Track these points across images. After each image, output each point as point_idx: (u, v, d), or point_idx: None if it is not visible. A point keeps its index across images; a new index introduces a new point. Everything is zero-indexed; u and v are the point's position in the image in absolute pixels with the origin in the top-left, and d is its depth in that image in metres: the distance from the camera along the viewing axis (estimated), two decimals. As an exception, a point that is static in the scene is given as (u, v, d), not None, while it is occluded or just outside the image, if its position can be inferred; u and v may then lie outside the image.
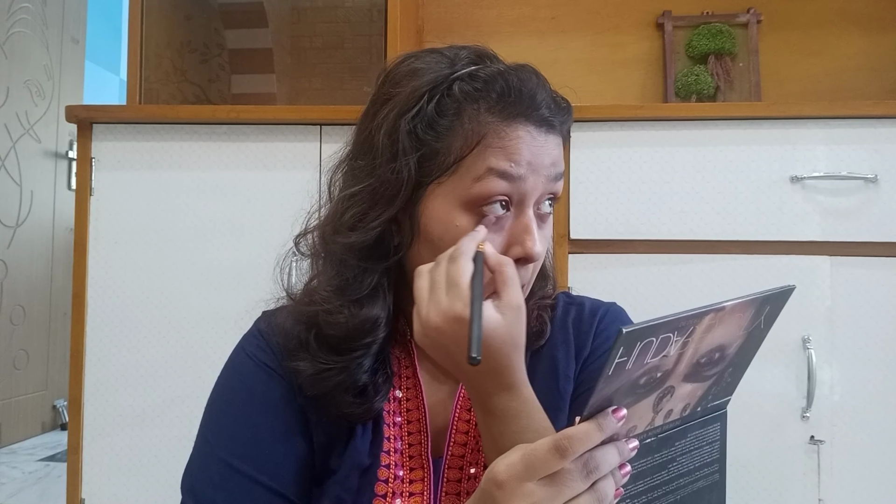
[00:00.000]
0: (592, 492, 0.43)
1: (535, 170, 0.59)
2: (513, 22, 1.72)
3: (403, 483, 0.61)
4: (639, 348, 0.41)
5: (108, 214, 1.24)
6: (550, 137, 0.61)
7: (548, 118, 0.61)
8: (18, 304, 2.62)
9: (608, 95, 1.67)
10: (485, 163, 0.58)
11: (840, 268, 1.12)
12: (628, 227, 1.16)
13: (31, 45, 2.67)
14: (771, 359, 1.12)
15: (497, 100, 0.59)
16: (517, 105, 0.59)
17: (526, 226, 0.59)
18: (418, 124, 0.59)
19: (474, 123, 0.59)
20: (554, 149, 0.61)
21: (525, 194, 0.59)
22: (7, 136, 2.57)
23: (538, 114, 0.60)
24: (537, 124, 0.60)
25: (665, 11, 1.64)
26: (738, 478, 1.11)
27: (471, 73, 0.60)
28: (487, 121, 0.59)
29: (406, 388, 0.65)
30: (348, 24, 1.75)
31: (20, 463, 2.36)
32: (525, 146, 0.59)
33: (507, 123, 0.59)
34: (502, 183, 0.57)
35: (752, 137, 1.14)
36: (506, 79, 0.60)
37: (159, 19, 1.54)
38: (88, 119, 1.25)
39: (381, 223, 0.60)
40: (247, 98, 1.74)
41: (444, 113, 0.59)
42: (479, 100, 0.59)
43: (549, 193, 0.61)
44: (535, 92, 0.61)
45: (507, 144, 0.58)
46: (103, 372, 1.22)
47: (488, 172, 0.57)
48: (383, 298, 0.61)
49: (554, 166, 0.61)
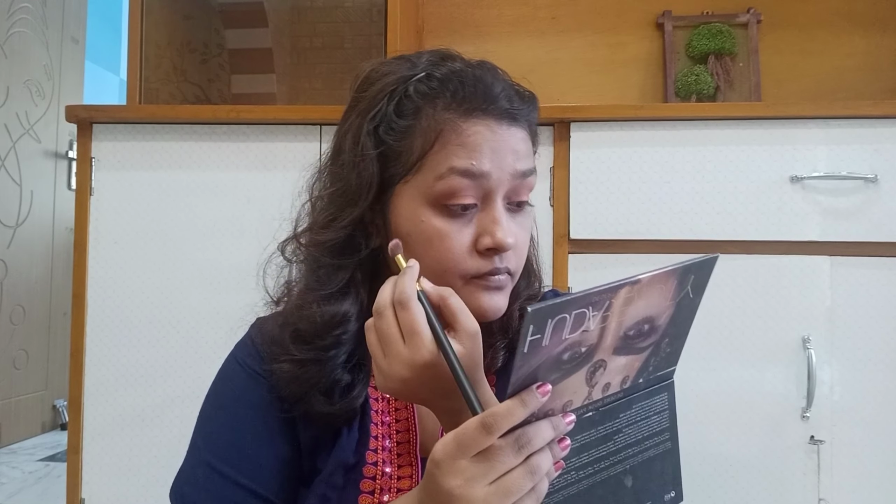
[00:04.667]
0: (525, 465, 0.45)
1: (499, 164, 0.59)
2: (513, 22, 1.72)
3: (391, 479, 0.62)
4: (551, 325, 0.42)
5: (108, 214, 1.24)
6: (513, 129, 0.61)
7: (508, 110, 0.61)
8: (18, 304, 2.62)
9: (608, 95, 1.67)
10: (446, 161, 0.59)
11: (840, 268, 1.12)
12: (628, 227, 1.16)
13: (31, 45, 2.67)
14: (771, 359, 1.12)
15: (452, 96, 0.60)
16: (473, 100, 0.60)
17: (494, 217, 0.59)
18: (379, 126, 0.61)
19: (432, 122, 0.60)
20: (518, 142, 0.61)
21: (490, 189, 0.60)
22: (7, 136, 2.57)
23: (496, 106, 0.60)
24: (497, 117, 0.60)
25: (665, 11, 1.64)
26: (738, 478, 1.12)
27: (427, 74, 0.62)
28: (445, 118, 0.60)
29: None
30: (348, 24, 1.75)
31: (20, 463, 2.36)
32: (484, 141, 0.59)
33: (465, 119, 0.60)
34: (464, 181, 0.59)
35: (752, 137, 1.14)
36: (460, 75, 0.61)
37: (159, 19, 1.54)
38: (88, 119, 1.25)
39: (350, 223, 0.62)
40: (247, 98, 1.74)
41: (402, 114, 0.61)
42: (435, 98, 0.60)
43: (518, 186, 0.61)
44: (492, 85, 0.61)
45: (465, 141, 0.59)
46: (103, 372, 1.22)
47: (450, 171, 0.59)
48: (355, 294, 0.62)
49: (518, 158, 0.61)
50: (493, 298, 0.61)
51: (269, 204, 1.22)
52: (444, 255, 0.59)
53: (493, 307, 0.61)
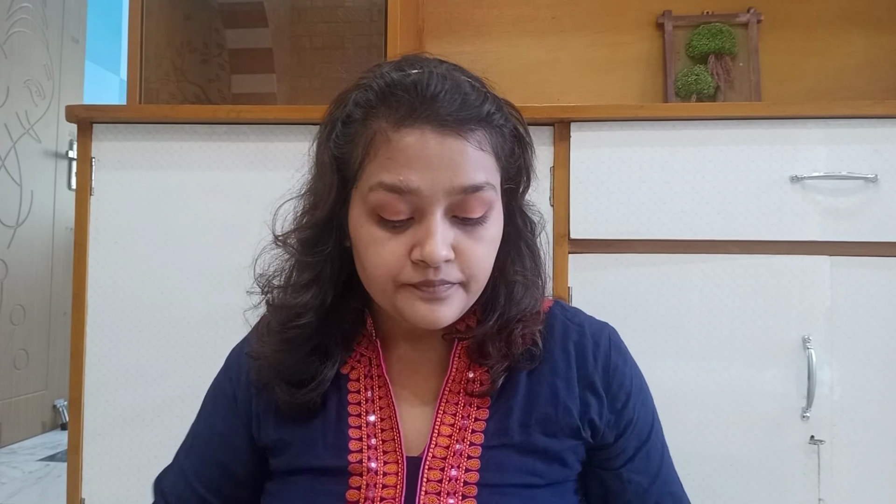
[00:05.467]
0: None
1: (431, 180, 0.56)
2: (513, 22, 1.72)
3: (377, 475, 0.62)
4: None
5: (108, 214, 1.24)
6: (451, 140, 0.56)
7: (447, 118, 0.56)
8: (18, 304, 2.62)
9: (608, 95, 1.67)
10: (377, 175, 0.58)
11: (840, 268, 1.12)
12: (628, 227, 1.16)
13: (31, 45, 2.67)
14: (771, 359, 1.12)
15: (386, 105, 0.58)
16: (405, 108, 0.57)
17: (426, 230, 0.57)
18: (334, 134, 0.62)
19: (368, 132, 0.59)
20: (457, 154, 0.57)
21: (423, 206, 0.57)
22: (7, 136, 2.57)
23: (432, 114, 0.56)
24: (435, 126, 0.56)
25: (665, 11, 1.64)
26: (738, 478, 1.12)
27: (366, 84, 0.61)
28: (378, 128, 0.58)
29: (377, 386, 0.67)
30: (348, 24, 1.75)
31: (20, 463, 2.36)
32: (415, 154, 0.56)
33: (396, 129, 0.57)
34: (392, 196, 0.57)
35: (752, 137, 1.14)
36: (397, 83, 0.58)
37: (159, 19, 1.54)
38: (88, 119, 1.25)
39: (317, 223, 0.64)
40: (247, 98, 1.74)
41: (346, 123, 0.61)
42: (371, 107, 0.59)
43: (462, 201, 0.58)
44: (431, 91, 0.57)
45: (394, 154, 0.57)
46: (103, 372, 1.22)
47: (378, 186, 0.57)
48: (318, 288, 0.65)
49: (457, 173, 0.57)
50: (431, 308, 0.59)
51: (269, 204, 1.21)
52: (376, 261, 0.59)
53: (427, 317, 0.60)
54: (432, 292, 0.59)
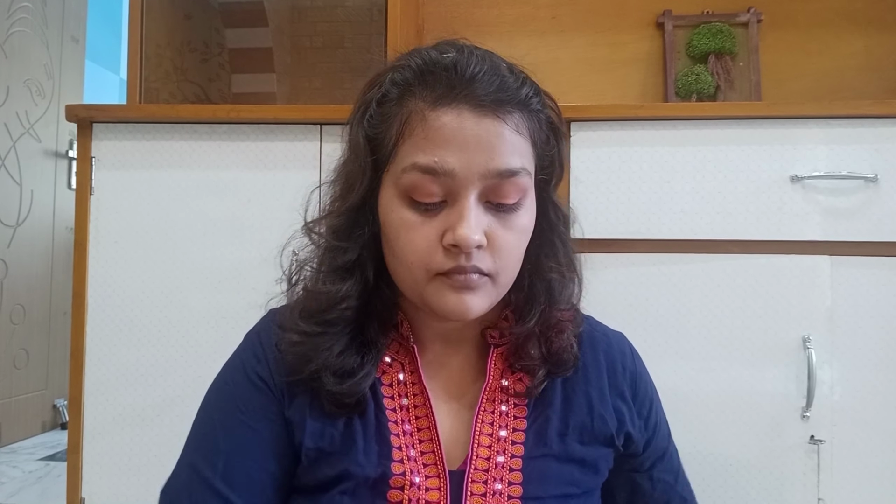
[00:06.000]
0: None
1: (467, 162, 0.55)
2: (513, 21, 1.72)
3: (420, 490, 0.58)
4: None
5: (108, 214, 1.24)
6: (488, 122, 0.56)
7: (484, 98, 0.56)
8: (18, 304, 2.62)
9: (608, 95, 1.67)
10: (411, 155, 0.57)
11: (840, 268, 1.12)
12: (628, 227, 1.16)
13: (31, 45, 2.67)
14: (771, 359, 1.12)
15: (423, 84, 0.57)
16: (442, 87, 0.56)
17: (459, 213, 0.56)
18: (369, 115, 0.60)
19: (403, 111, 0.58)
20: (495, 136, 0.56)
21: (457, 188, 0.56)
22: (7, 136, 2.57)
23: (469, 94, 0.56)
24: (471, 106, 0.56)
25: (665, 11, 1.64)
26: (738, 478, 1.12)
27: (404, 63, 0.60)
28: (414, 107, 0.57)
29: (412, 394, 0.63)
30: (348, 23, 1.75)
31: (20, 462, 2.36)
32: (452, 134, 0.55)
33: (433, 108, 0.56)
34: (426, 177, 0.56)
35: (752, 137, 1.14)
36: (436, 62, 0.58)
37: (159, 19, 1.54)
38: (88, 118, 1.25)
39: (350, 208, 0.62)
40: (247, 97, 1.74)
41: (382, 103, 0.60)
42: (409, 86, 0.58)
43: (497, 186, 0.57)
44: (469, 71, 0.56)
45: (430, 134, 0.56)
46: (103, 372, 1.22)
47: (413, 167, 0.56)
48: (359, 274, 0.62)
49: (493, 156, 0.56)
50: (461, 298, 0.57)
51: (268, 204, 1.22)
52: (408, 248, 0.58)
53: (457, 307, 0.58)
54: (463, 280, 0.57)
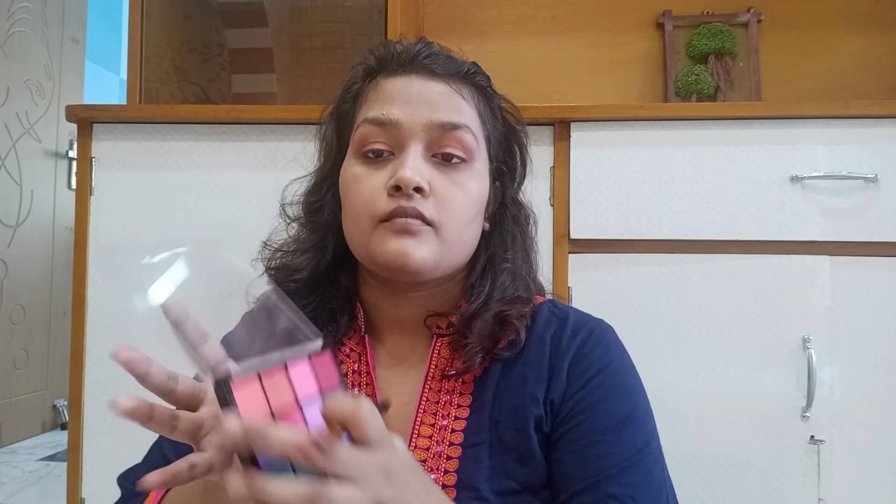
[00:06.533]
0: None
1: (411, 113, 0.62)
2: (513, 22, 1.72)
3: None
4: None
5: (108, 214, 1.24)
6: (431, 83, 0.64)
7: (429, 67, 0.64)
8: (18, 304, 2.62)
9: (608, 95, 1.67)
10: (362, 115, 0.65)
11: (840, 268, 1.12)
12: (628, 227, 1.16)
13: (31, 45, 2.67)
14: (771, 359, 1.12)
15: (380, 64, 0.66)
16: (394, 61, 0.65)
17: (402, 159, 0.61)
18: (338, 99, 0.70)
19: (365, 86, 0.67)
20: (436, 94, 0.63)
21: (403, 139, 0.62)
22: (7, 136, 2.57)
23: (415, 64, 0.64)
24: (419, 73, 0.64)
25: (665, 11, 1.64)
26: (738, 478, 1.12)
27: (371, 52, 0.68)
28: (373, 80, 0.66)
29: (364, 384, 0.65)
30: (348, 23, 1.75)
31: (20, 462, 2.36)
32: (398, 92, 0.63)
33: (386, 77, 0.65)
34: (374, 128, 0.63)
35: (752, 137, 1.14)
36: (396, 47, 0.67)
37: (159, 19, 1.54)
38: (88, 119, 1.25)
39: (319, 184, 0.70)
40: (247, 98, 1.74)
41: (350, 86, 0.69)
42: (369, 69, 0.67)
43: (441, 137, 0.62)
44: (420, 50, 0.66)
45: (380, 94, 0.64)
46: (103, 372, 1.22)
47: (364, 122, 0.64)
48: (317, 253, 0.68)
49: (435, 109, 0.62)
50: (401, 243, 0.59)
51: (268, 204, 1.21)
52: (357, 198, 0.62)
53: (397, 251, 0.59)
54: (403, 224, 0.59)
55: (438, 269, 0.62)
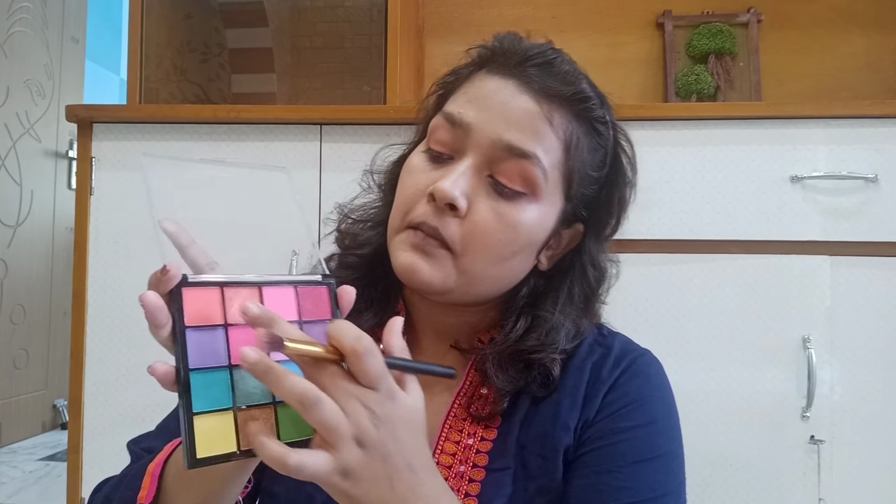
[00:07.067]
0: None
1: (485, 123, 0.56)
2: (513, 22, 1.72)
3: None
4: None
5: (108, 214, 1.24)
6: (523, 98, 0.56)
7: (532, 77, 0.57)
8: (18, 304, 2.62)
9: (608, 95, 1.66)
10: (448, 103, 0.59)
11: (840, 268, 1.12)
12: (628, 227, 1.15)
13: (31, 45, 2.67)
14: (771, 358, 1.12)
15: (490, 54, 0.61)
16: (504, 59, 0.59)
17: (452, 168, 0.56)
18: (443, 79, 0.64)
19: (469, 74, 0.61)
20: (520, 111, 0.56)
21: (466, 146, 0.56)
22: (7, 136, 2.57)
23: (523, 70, 0.57)
24: (518, 80, 0.57)
25: (665, 11, 1.64)
26: (738, 478, 1.12)
27: (490, 41, 0.62)
28: (475, 74, 0.60)
29: None
30: (348, 23, 1.75)
31: (20, 462, 2.36)
32: (485, 94, 0.57)
33: (488, 73, 0.59)
34: (445, 125, 0.57)
35: (752, 137, 1.14)
36: (511, 38, 0.61)
37: (159, 19, 1.54)
38: (88, 118, 1.25)
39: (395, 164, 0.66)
40: (247, 98, 1.74)
41: (459, 69, 0.63)
42: (482, 58, 0.61)
43: (502, 160, 0.55)
44: (535, 55, 0.58)
45: (469, 91, 0.59)
46: (103, 372, 1.22)
47: (440, 114, 0.59)
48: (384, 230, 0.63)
49: (509, 127, 0.55)
50: (412, 257, 0.56)
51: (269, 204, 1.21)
52: (403, 192, 0.59)
53: (405, 264, 0.56)
54: (420, 240, 0.56)
55: (454, 295, 0.58)
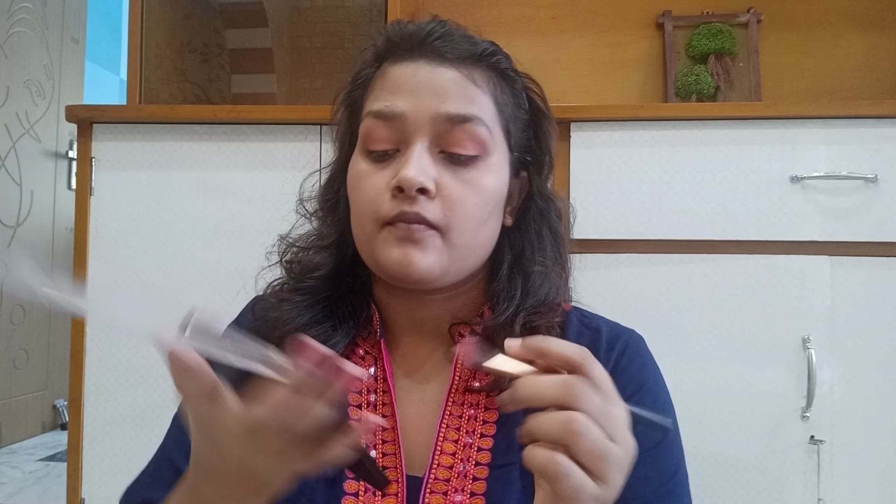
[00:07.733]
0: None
1: (417, 105, 0.56)
2: (513, 22, 1.72)
3: (376, 497, 0.55)
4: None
5: (108, 214, 1.24)
6: (440, 69, 0.58)
7: (440, 50, 0.58)
8: (18, 304, 2.62)
9: (608, 95, 1.67)
10: (367, 107, 0.59)
11: (840, 268, 1.12)
12: (628, 227, 1.16)
13: (31, 45, 2.67)
14: (771, 359, 1.12)
15: (387, 46, 0.61)
16: (401, 45, 0.60)
17: (407, 157, 0.56)
18: (352, 87, 0.64)
19: (375, 71, 0.61)
20: (445, 81, 0.57)
21: (408, 134, 0.57)
22: (7, 136, 2.57)
23: (427, 47, 0.58)
24: (428, 58, 0.58)
25: (665, 11, 1.64)
26: (738, 478, 1.11)
27: (380, 33, 0.63)
28: (382, 67, 0.61)
29: (381, 391, 0.60)
30: (348, 24, 1.75)
31: (20, 463, 2.36)
32: (404, 81, 0.58)
33: (392, 63, 0.60)
34: (378, 122, 0.57)
35: (752, 137, 1.14)
36: (398, 24, 0.62)
37: (159, 19, 1.54)
38: (88, 119, 1.25)
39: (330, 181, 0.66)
40: (247, 98, 1.74)
41: (360, 71, 0.63)
42: (381, 52, 0.62)
43: (450, 132, 0.56)
44: (431, 31, 0.59)
45: (386, 84, 0.59)
46: (103, 372, 1.22)
47: (368, 114, 0.59)
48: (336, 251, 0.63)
49: (444, 99, 0.56)
50: (404, 251, 0.55)
51: (269, 204, 1.21)
52: (361, 198, 0.58)
53: (400, 261, 0.55)
54: (406, 229, 0.55)
55: (448, 276, 0.58)
